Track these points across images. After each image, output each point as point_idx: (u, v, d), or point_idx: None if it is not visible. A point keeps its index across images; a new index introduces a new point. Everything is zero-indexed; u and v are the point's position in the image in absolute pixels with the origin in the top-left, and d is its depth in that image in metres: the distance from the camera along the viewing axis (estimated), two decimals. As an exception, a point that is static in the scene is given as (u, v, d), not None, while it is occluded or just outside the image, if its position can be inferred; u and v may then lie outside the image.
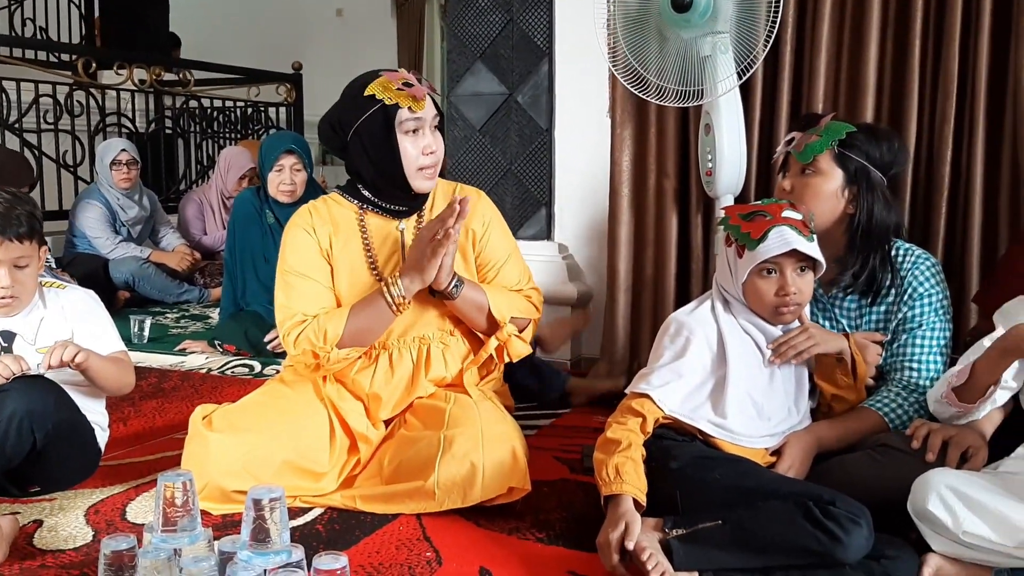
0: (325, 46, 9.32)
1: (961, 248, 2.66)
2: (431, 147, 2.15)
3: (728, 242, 1.95)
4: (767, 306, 1.91)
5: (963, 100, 2.64)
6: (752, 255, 1.87)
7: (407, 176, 2.15)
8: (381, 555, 1.82)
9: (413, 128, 2.13)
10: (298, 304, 2.15)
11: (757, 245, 1.86)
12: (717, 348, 1.93)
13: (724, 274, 1.98)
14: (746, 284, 1.91)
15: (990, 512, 1.55)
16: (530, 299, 2.31)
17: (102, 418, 2.28)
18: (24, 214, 2.08)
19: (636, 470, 1.77)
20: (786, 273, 1.88)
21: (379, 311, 2.11)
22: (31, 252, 2.10)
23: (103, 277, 4.71)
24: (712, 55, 2.62)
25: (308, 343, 2.11)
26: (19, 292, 2.10)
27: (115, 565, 1.62)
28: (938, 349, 2.01)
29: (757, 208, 1.92)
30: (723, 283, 1.99)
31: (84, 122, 5.85)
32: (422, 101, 2.12)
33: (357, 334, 2.13)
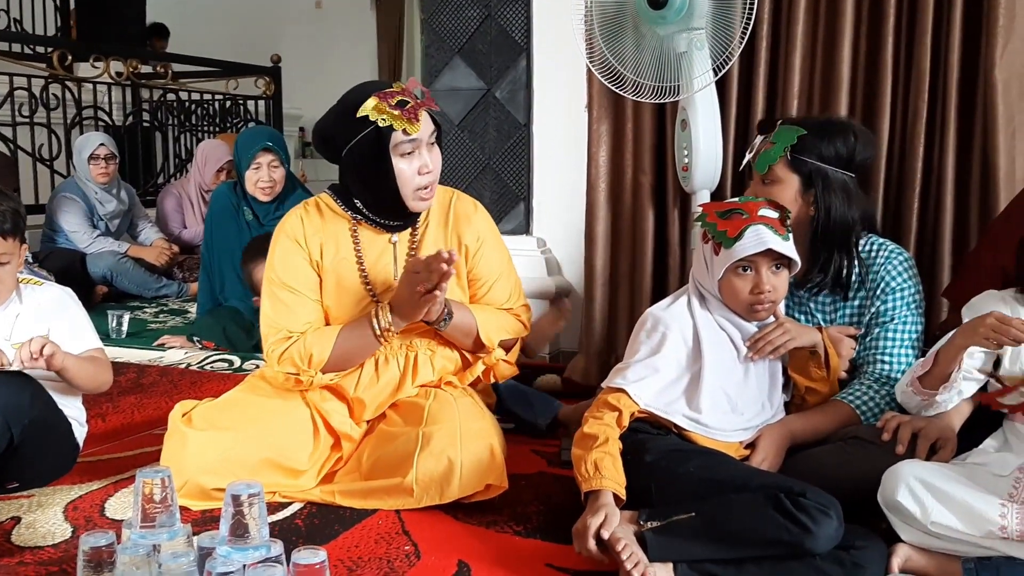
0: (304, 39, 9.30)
1: (932, 243, 2.69)
2: (428, 166, 2.08)
3: (705, 239, 1.97)
4: (742, 303, 1.93)
5: (935, 97, 2.68)
6: (728, 253, 1.90)
7: (403, 198, 2.09)
8: (360, 549, 1.84)
9: (409, 151, 2.06)
10: (284, 319, 2.12)
11: (733, 243, 1.89)
12: (692, 343, 1.96)
13: (700, 270, 2.00)
14: (722, 281, 1.94)
15: (958, 503, 1.59)
16: (519, 317, 2.28)
17: (79, 413, 2.27)
18: (9, 211, 2.07)
19: (614, 464, 1.79)
20: (761, 271, 1.90)
21: (365, 339, 2.10)
22: (13, 249, 2.09)
23: (80, 272, 4.68)
24: (688, 51, 2.64)
25: (292, 365, 2.10)
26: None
27: (94, 561, 1.62)
28: (910, 343, 2.05)
29: (734, 206, 1.94)
30: (699, 278, 2.01)
31: (60, 115, 5.81)
32: (417, 123, 2.04)
33: (342, 359, 2.12)
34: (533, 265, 3.38)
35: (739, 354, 1.96)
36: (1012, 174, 2.56)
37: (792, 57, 2.81)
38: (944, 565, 1.62)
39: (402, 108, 2.03)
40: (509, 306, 2.27)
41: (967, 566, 1.60)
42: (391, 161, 2.05)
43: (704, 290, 2.01)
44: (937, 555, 1.63)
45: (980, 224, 2.62)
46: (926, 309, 2.16)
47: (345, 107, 2.08)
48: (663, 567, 1.65)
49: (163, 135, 6.88)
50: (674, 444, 1.87)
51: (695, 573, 1.65)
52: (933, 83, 2.66)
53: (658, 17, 2.60)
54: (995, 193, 2.57)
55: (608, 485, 1.75)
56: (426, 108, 2.08)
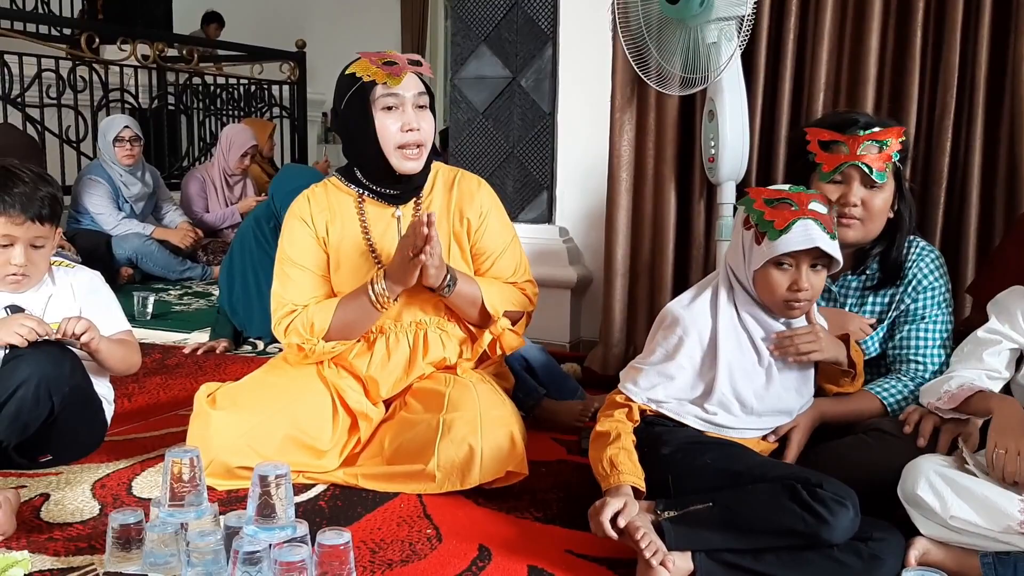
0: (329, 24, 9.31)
1: (957, 238, 2.68)
2: (411, 124, 2.12)
3: (747, 225, 1.85)
4: (777, 299, 1.83)
5: (962, 92, 2.66)
6: (772, 245, 1.78)
7: (386, 155, 2.13)
8: (383, 531, 1.86)
9: (390, 104, 2.11)
10: (290, 294, 2.18)
11: (779, 236, 1.77)
12: (709, 347, 1.87)
13: (736, 257, 1.89)
14: (758, 272, 1.83)
15: (977, 497, 1.59)
16: (524, 292, 2.31)
17: (108, 391, 2.31)
18: (47, 196, 2.11)
19: (630, 458, 1.79)
20: (802, 268, 1.80)
21: (364, 307, 2.14)
22: (49, 234, 2.13)
23: (106, 253, 4.73)
24: (718, 42, 2.63)
25: (296, 335, 2.15)
26: (31, 271, 2.13)
27: (123, 538, 1.67)
28: (940, 341, 2.03)
29: (784, 195, 1.82)
30: (733, 265, 1.90)
31: (87, 97, 5.85)
32: (399, 77, 2.09)
33: (343, 327, 2.16)
34: (555, 254, 3.39)
35: (760, 358, 1.87)
36: (1039, 171, 2.55)
37: (819, 49, 2.80)
38: (962, 559, 1.62)
39: (387, 66, 2.10)
40: (514, 280, 2.30)
41: (985, 560, 1.60)
42: (373, 115, 2.11)
43: (735, 278, 1.90)
44: (955, 549, 1.63)
45: (1006, 220, 2.61)
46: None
47: (341, 72, 2.18)
48: (681, 555, 1.66)
49: (188, 119, 6.92)
50: (691, 436, 1.85)
51: (713, 562, 1.65)
52: (961, 77, 2.65)
53: (674, 11, 2.60)
54: (1021, 189, 2.56)
55: (626, 479, 1.74)
56: (415, 72, 2.14)
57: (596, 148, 3.30)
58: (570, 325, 3.40)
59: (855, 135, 1.97)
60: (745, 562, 1.64)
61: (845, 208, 1.98)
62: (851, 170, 1.98)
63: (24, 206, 2.06)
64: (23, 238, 2.08)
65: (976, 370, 1.82)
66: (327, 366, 2.22)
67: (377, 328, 2.21)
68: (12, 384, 1.97)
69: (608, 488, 1.76)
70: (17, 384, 1.97)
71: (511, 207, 3.40)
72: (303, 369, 2.21)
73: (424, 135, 2.15)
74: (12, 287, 2.14)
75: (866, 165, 1.96)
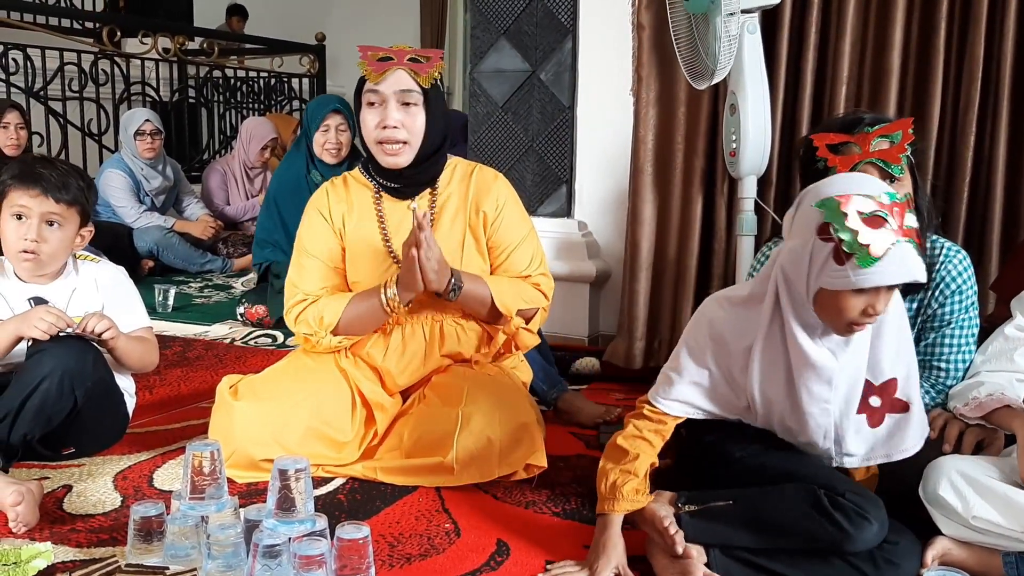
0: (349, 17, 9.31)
1: (981, 234, 2.66)
2: (386, 121, 2.14)
3: (824, 235, 1.53)
4: (843, 322, 1.57)
5: (987, 85, 2.64)
6: (862, 274, 1.49)
7: (370, 148, 2.20)
8: (401, 525, 1.87)
9: (371, 101, 2.16)
10: (304, 283, 2.22)
11: (873, 264, 1.49)
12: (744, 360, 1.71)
13: (799, 266, 1.59)
14: (828, 292, 1.56)
15: (1000, 497, 1.58)
16: (538, 286, 2.28)
17: (129, 384, 2.33)
18: (75, 186, 2.16)
19: (636, 486, 1.69)
20: (881, 295, 1.54)
21: (374, 308, 2.15)
22: (66, 216, 2.14)
23: (127, 246, 4.76)
24: (740, 34, 2.62)
25: (306, 325, 2.18)
26: (42, 251, 2.13)
27: (144, 530, 1.68)
28: (967, 346, 1.98)
29: (881, 206, 1.51)
30: (793, 275, 1.61)
31: (109, 90, 5.89)
32: (380, 74, 2.13)
33: (352, 324, 2.18)
34: (574, 248, 3.39)
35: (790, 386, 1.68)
36: (1065, 164, 2.53)
37: (842, 43, 2.78)
38: (985, 559, 1.61)
39: (376, 62, 2.15)
40: (528, 273, 2.29)
41: (1007, 560, 1.59)
42: (362, 111, 2.18)
43: (787, 287, 1.64)
44: (977, 548, 1.62)
45: (1030, 215, 2.59)
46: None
47: None
48: (697, 549, 1.65)
49: (208, 112, 6.95)
50: (733, 427, 1.78)
51: (728, 558, 1.65)
52: (986, 70, 2.62)
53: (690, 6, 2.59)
54: (1047, 184, 2.54)
55: (620, 508, 1.69)
56: (409, 68, 2.14)
57: (616, 141, 3.29)
58: (588, 319, 3.40)
59: (864, 133, 1.94)
60: (759, 561, 1.64)
61: None
62: (867, 168, 1.95)
63: (43, 183, 2.10)
64: (36, 211, 2.10)
65: (1006, 373, 1.79)
66: (344, 356, 2.23)
67: (394, 319, 2.22)
68: (36, 377, 1.98)
69: (600, 512, 1.71)
70: (41, 377, 1.98)
71: (530, 201, 3.40)
72: (323, 361, 2.22)
73: (404, 132, 2.15)
74: (25, 266, 2.15)
75: (882, 160, 1.93)
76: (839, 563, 1.59)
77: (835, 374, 1.64)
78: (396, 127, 2.14)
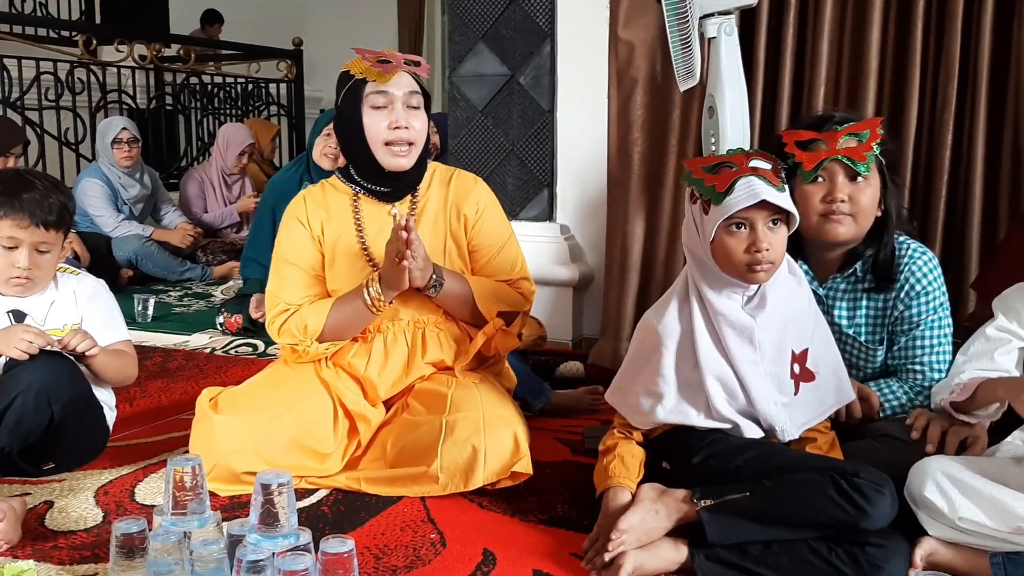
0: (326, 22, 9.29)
1: (960, 233, 2.67)
2: (399, 122, 2.13)
3: (693, 198, 1.78)
4: (737, 265, 1.73)
5: (965, 84, 2.65)
6: (718, 210, 1.71)
7: (373, 151, 2.15)
8: (386, 537, 1.85)
9: (380, 103, 2.13)
10: (285, 293, 2.19)
11: (723, 198, 1.70)
12: (687, 349, 1.80)
13: (691, 236, 1.81)
14: (714, 243, 1.74)
15: (985, 498, 1.58)
16: (520, 290, 2.29)
17: (109, 397, 2.31)
18: (57, 204, 2.13)
19: (624, 462, 1.83)
20: (757, 227, 1.71)
21: (359, 309, 2.13)
22: (55, 241, 2.15)
23: (106, 255, 4.73)
24: (717, 36, 2.61)
25: (290, 335, 2.15)
26: (35, 276, 2.14)
27: (126, 547, 1.65)
28: (940, 346, 1.99)
29: (722, 159, 1.76)
30: (691, 245, 1.82)
31: (85, 99, 5.84)
32: (389, 75, 2.11)
33: (337, 328, 2.16)
34: (556, 252, 3.38)
35: (732, 348, 1.78)
36: (1044, 161, 2.54)
37: (819, 43, 2.79)
38: (972, 559, 1.61)
39: (380, 64, 2.12)
40: (510, 278, 2.29)
41: (995, 561, 1.59)
42: (362, 112, 2.13)
43: (695, 259, 1.81)
44: (964, 549, 1.62)
45: (1010, 213, 2.60)
46: (954, 301, 2.12)
47: (341, 72, 2.20)
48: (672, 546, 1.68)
49: (186, 119, 6.91)
50: (719, 440, 1.79)
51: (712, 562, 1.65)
52: (963, 69, 2.64)
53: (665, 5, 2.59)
54: (1025, 181, 2.55)
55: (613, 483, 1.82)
56: (409, 71, 2.15)
57: (596, 145, 3.29)
58: (572, 323, 3.39)
59: (832, 130, 1.95)
60: (746, 563, 1.63)
61: (833, 205, 1.94)
62: (833, 165, 1.95)
63: (31, 211, 2.08)
64: (28, 241, 2.10)
65: (988, 372, 1.80)
66: (325, 366, 2.21)
67: (375, 327, 2.21)
68: (12, 393, 1.97)
69: (604, 489, 1.82)
70: (16, 393, 1.97)
71: (511, 205, 3.39)
72: (304, 371, 2.21)
73: (414, 134, 2.15)
74: (16, 290, 2.15)
75: (847, 158, 1.94)
76: (825, 568, 1.59)
77: (755, 333, 1.77)
78: (407, 128, 2.13)
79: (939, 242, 2.67)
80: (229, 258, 5.14)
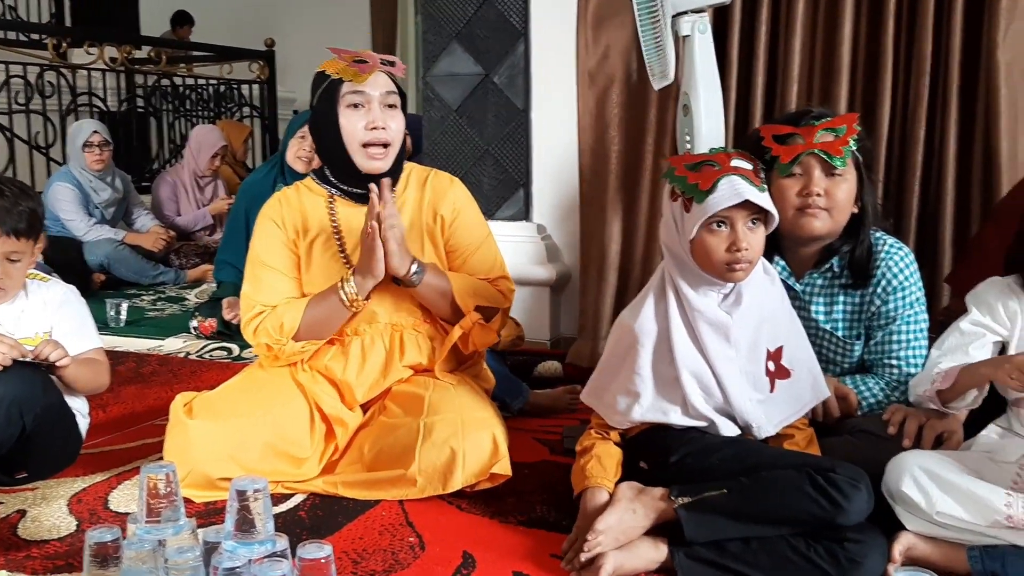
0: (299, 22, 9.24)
1: (933, 228, 2.69)
2: (376, 122, 2.11)
3: (674, 196, 1.78)
4: (717, 263, 1.73)
5: (936, 80, 2.67)
6: (701, 208, 1.70)
7: (349, 153, 2.13)
8: (364, 541, 1.84)
9: (355, 103, 2.11)
10: (260, 295, 2.17)
11: (706, 197, 1.70)
12: (664, 348, 1.80)
13: (670, 233, 1.80)
14: (695, 241, 1.74)
15: (963, 492, 1.59)
16: (498, 287, 2.28)
17: (82, 404, 2.27)
18: (27, 211, 2.08)
19: (601, 463, 1.83)
20: (737, 227, 1.71)
21: (334, 307, 2.12)
22: (26, 249, 2.10)
23: (77, 260, 4.67)
24: (691, 35, 2.61)
25: (266, 335, 2.13)
26: (7, 285, 2.10)
27: (100, 556, 1.62)
28: (916, 341, 2.01)
29: (704, 158, 1.76)
30: (669, 243, 1.82)
31: (55, 102, 5.78)
32: (366, 75, 2.10)
33: (313, 327, 2.14)
34: (533, 251, 3.37)
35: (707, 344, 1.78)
36: (1015, 157, 2.56)
37: (792, 41, 2.80)
38: (949, 553, 1.62)
39: (356, 64, 2.10)
40: (489, 277, 2.28)
41: (972, 554, 1.60)
42: (339, 113, 2.11)
43: (674, 257, 1.81)
44: (942, 543, 1.63)
45: (982, 209, 2.62)
46: (928, 295, 2.14)
47: (316, 72, 2.18)
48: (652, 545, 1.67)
49: (158, 121, 6.85)
50: (697, 439, 1.80)
51: (692, 560, 1.65)
52: (935, 66, 2.66)
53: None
54: (997, 177, 2.57)
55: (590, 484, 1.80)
56: (386, 71, 2.14)
57: (572, 144, 3.29)
58: (550, 323, 3.39)
59: (810, 125, 1.96)
60: (724, 561, 1.64)
61: (809, 199, 1.95)
62: (809, 159, 1.96)
63: (4, 222, 2.03)
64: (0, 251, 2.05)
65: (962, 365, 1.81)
66: (301, 370, 2.19)
67: (352, 330, 2.19)
68: None
69: (581, 490, 1.81)
70: None
71: (487, 205, 3.38)
72: (279, 375, 2.18)
73: (391, 134, 2.14)
74: None
75: (824, 152, 1.94)
76: (804, 564, 1.59)
77: (731, 330, 1.77)
78: (384, 128, 2.12)
79: (913, 237, 2.69)
80: (202, 261, 5.09)
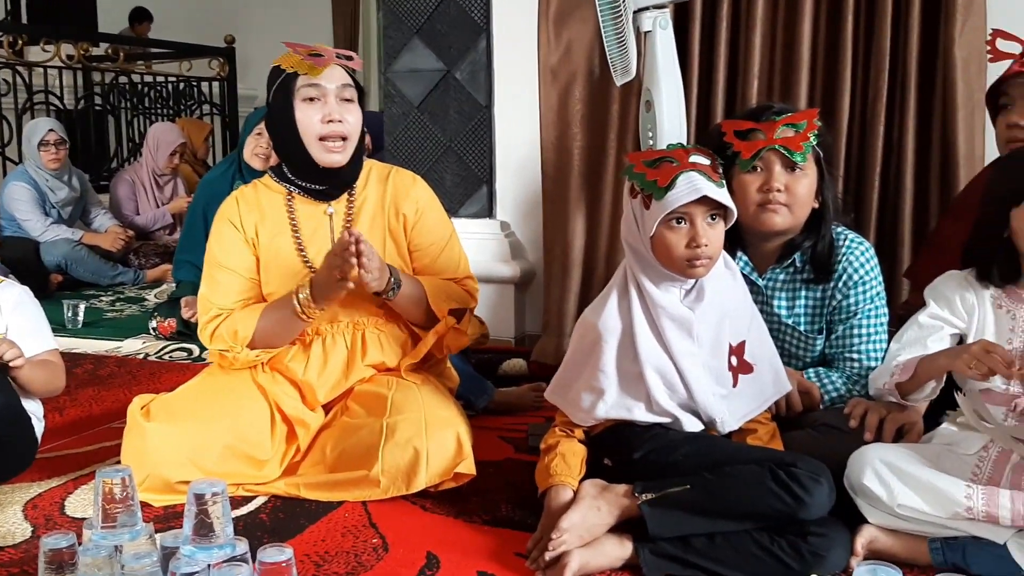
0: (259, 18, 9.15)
1: (893, 222, 2.71)
2: (332, 115, 2.08)
3: (633, 193, 1.78)
4: (677, 260, 1.73)
5: (895, 76, 2.69)
6: (660, 205, 1.70)
7: (306, 147, 2.10)
8: (327, 543, 1.82)
9: (311, 96, 2.09)
10: (217, 297, 2.14)
11: (665, 194, 1.70)
12: (628, 345, 1.80)
13: (630, 230, 1.81)
14: (654, 238, 1.74)
15: (924, 485, 1.60)
16: (465, 287, 2.27)
17: (37, 407, 2.22)
18: None
19: (565, 460, 1.82)
20: (696, 223, 1.71)
21: (288, 317, 2.09)
22: None
23: (34, 261, 4.61)
24: (653, 30, 2.61)
25: (222, 341, 2.10)
26: None
27: (55, 563, 1.59)
28: (876, 335, 2.02)
29: (662, 154, 1.75)
30: (630, 240, 1.82)
31: (11, 101, 5.68)
32: (321, 68, 2.07)
33: (267, 336, 2.11)
34: (497, 249, 3.36)
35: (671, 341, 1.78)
36: (972, 151, 2.59)
37: (752, 36, 2.81)
38: (911, 545, 1.63)
39: (311, 57, 2.08)
40: (455, 276, 2.26)
41: (933, 546, 1.61)
42: (294, 107, 2.08)
43: (635, 253, 1.81)
44: (904, 536, 1.64)
45: (940, 203, 2.65)
46: (888, 289, 2.15)
47: (272, 67, 2.15)
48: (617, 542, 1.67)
49: (116, 119, 6.76)
50: (660, 436, 1.79)
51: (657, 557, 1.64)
52: (893, 62, 2.68)
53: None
54: (955, 171, 2.59)
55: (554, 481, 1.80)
56: (341, 64, 2.11)
57: (535, 140, 3.28)
58: (515, 320, 3.38)
59: (771, 120, 1.97)
60: (689, 556, 1.64)
61: (769, 194, 1.96)
62: (770, 155, 1.96)
63: None
64: None
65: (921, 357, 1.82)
66: (261, 371, 2.16)
67: (313, 330, 2.16)
68: None
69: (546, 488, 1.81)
70: None
71: (450, 202, 3.36)
72: (239, 377, 2.15)
73: (348, 127, 2.11)
74: None
75: (784, 147, 1.95)
76: (767, 559, 1.60)
77: (693, 325, 1.77)
78: (341, 121, 2.09)
79: (872, 232, 2.71)
80: (162, 261, 5.03)
